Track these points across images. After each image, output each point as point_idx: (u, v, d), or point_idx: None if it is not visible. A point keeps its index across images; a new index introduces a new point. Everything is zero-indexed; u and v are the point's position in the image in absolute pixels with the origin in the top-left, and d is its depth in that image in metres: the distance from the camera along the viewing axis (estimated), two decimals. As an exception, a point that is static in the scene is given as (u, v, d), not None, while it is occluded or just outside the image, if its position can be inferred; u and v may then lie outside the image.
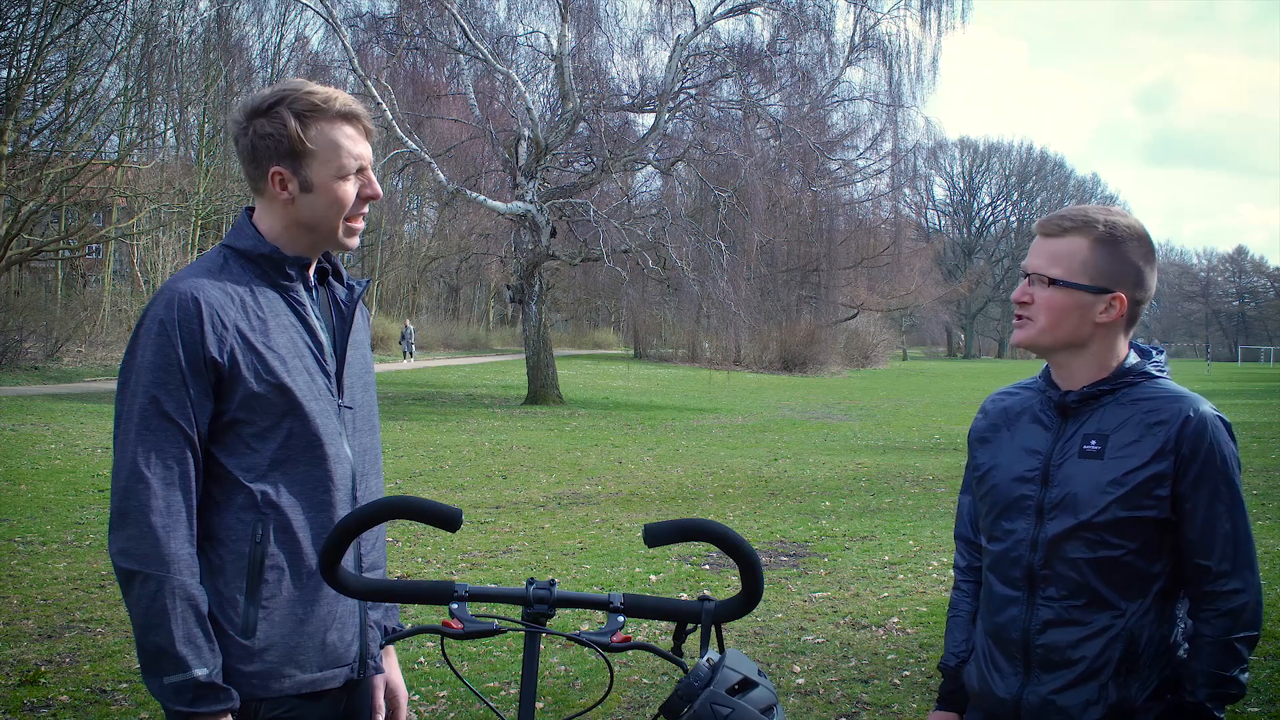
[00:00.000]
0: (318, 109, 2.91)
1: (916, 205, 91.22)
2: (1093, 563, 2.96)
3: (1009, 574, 3.09)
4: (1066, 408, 3.08)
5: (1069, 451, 3.03)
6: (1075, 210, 3.06)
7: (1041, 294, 3.03)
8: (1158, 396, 3.00)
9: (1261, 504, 14.52)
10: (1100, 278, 3.00)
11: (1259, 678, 7.29)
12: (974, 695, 3.23)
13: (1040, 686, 3.02)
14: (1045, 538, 3.01)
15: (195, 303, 2.78)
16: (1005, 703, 3.09)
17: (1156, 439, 2.93)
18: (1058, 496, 3.00)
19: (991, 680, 3.13)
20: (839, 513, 14.26)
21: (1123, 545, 2.94)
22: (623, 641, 2.52)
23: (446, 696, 6.96)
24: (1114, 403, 3.03)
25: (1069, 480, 3.00)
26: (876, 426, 29.12)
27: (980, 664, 3.19)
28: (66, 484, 14.95)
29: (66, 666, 7.43)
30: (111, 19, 36.61)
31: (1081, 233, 3.01)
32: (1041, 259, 3.04)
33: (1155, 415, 2.96)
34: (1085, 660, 2.97)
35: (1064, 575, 2.99)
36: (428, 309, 73.88)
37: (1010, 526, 3.09)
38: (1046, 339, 3.06)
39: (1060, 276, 3.00)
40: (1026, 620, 3.05)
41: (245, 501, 2.83)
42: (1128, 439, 2.97)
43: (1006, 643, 3.09)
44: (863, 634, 8.46)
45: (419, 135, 31.64)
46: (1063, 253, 3.02)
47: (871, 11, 34.71)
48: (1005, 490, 3.11)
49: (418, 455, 19.89)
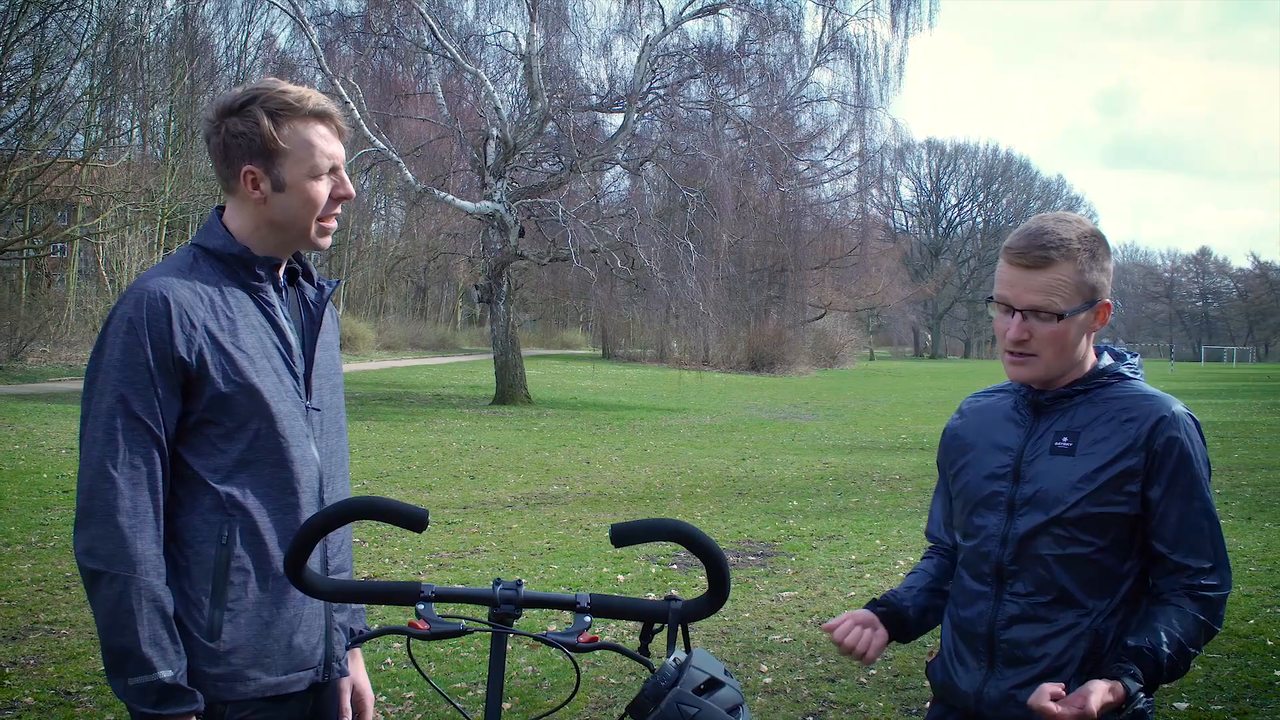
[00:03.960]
0: (290, 108, 2.90)
1: (884, 206, 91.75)
2: (1061, 559, 2.98)
3: (978, 569, 3.12)
4: (1040, 406, 3.10)
5: (1040, 448, 3.06)
6: (1049, 236, 3.00)
7: (1046, 329, 2.99)
8: (1130, 395, 3.03)
9: (1225, 503, 14.64)
10: (1091, 293, 3.01)
11: (1222, 675, 7.36)
12: (937, 688, 3.25)
13: (1002, 681, 3.04)
14: (1015, 533, 3.03)
15: (164, 302, 2.76)
16: (968, 696, 3.11)
17: (1127, 435, 2.96)
18: (1029, 493, 3.03)
19: (955, 674, 3.15)
20: (806, 512, 14.30)
21: (1092, 542, 2.96)
22: (590, 642, 2.52)
23: (414, 698, 6.95)
24: (1086, 401, 3.06)
25: (1040, 476, 3.02)
26: (844, 426, 29.20)
27: (945, 657, 3.21)
28: (31, 485, 14.85)
29: (31, 668, 7.38)
30: (78, 17, 36.36)
31: (1066, 259, 2.97)
32: (1036, 295, 2.99)
33: (1127, 413, 2.99)
34: (1048, 658, 2.99)
35: (1032, 571, 3.01)
36: (395, 309, 73.60)
37: (981, 522, 3.11)
38: (1057, 370, 3.05)
39: (1064, 309, 2.98)
40: (993, 615, 3.07)
41: (212, 503, 2.81)
42: (1099, 435, 2.99)
43: (972, 637, 3.11)
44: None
45: (387, 134, 31.52)
46: (1055, 285, 2.98)
47: (839, 13, 34.81)
48: (977, 487, 3.14)
49: (385, 456, 19.83)
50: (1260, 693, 7.06)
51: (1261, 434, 26.31)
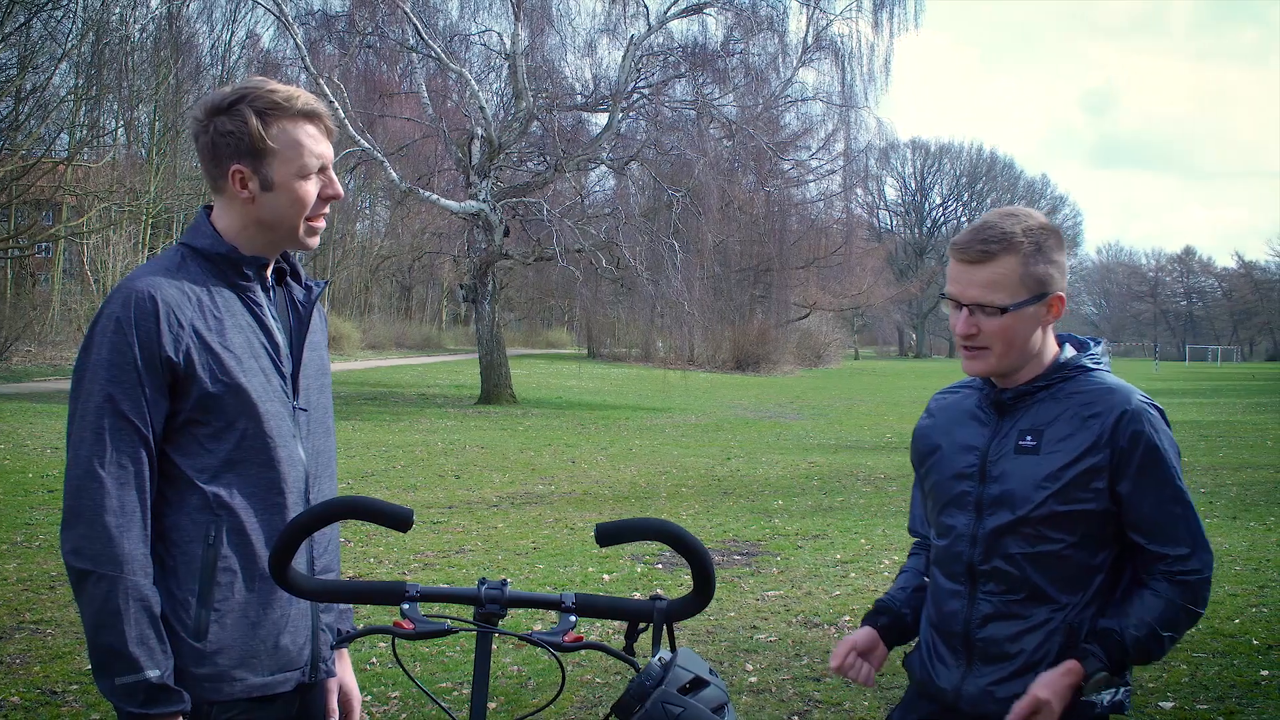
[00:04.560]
0: (279, 107, 2.90)
1: (868, 205, 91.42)
2: (1031, 557, 3.00)
3: (951, 569, 3.14)
4: (1003, 404, 3.13)
5: (1005, 447, 3.08)
6: (991, 230, 3.04)
7: (992, 324, 3.03)
8: (1092, 389, 3.05)
9: (1210, 502, 14.68)
10: (1038, 286, 3.03)
11: (1208, 675, 7.38)
12: (917, 684, 3.28)
13: (980, 678, 3.07)
14: (984, 533, 3.06)
15: (152, 301, 2.76)
16: (946, 693, 3.14)
17: (1091, 432, 2.98)
18: (995, 492, 3.05)
19: (934, 671, 3.18)
20: (791, 511, 14.31)
21: (1061, 539, 2.99)
22: (575, 641, 2.52)
23: (399, 697, 6.95)
24: (1049, 398, 3.08)
25: (1006, 476, 3.05)
26: (829, 425, 29.22)
27: (924, 654, 3.24)
28: (15, 485, 14.81)
29: (16, 668, 7.37)
30: (63, 17, 36.29)
31: (1009, 252, 3.01)
32: (978, 289, 3.03)
33: (1090, 409, 3.01)
34: (1024, 653, 3.02)
35: (1003, 570, 3.03)
36: (380, 308, 73.44)
37: (951, 522, 3.14)
38: (1007, 364, 3.08)
39: (1008, 303, 3.01)
40: (968, 614, 3.09)
41: (199, 503, 2.81)
42: (1063, 433, 3.01)
43: (949, 635, 3.14)
44: (815, 632, 8.50)
45: (371, 134, 31.48)
46: (997, 279, 3.01)
47: (824, 13, 34.77)
48: (946, 486, 3.17)
49: (370, 455, 19.80)
50: (1246, 692, 7.08)
51: (1246, 433, 26.36)
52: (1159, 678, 7.29)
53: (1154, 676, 7.30)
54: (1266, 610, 9.17)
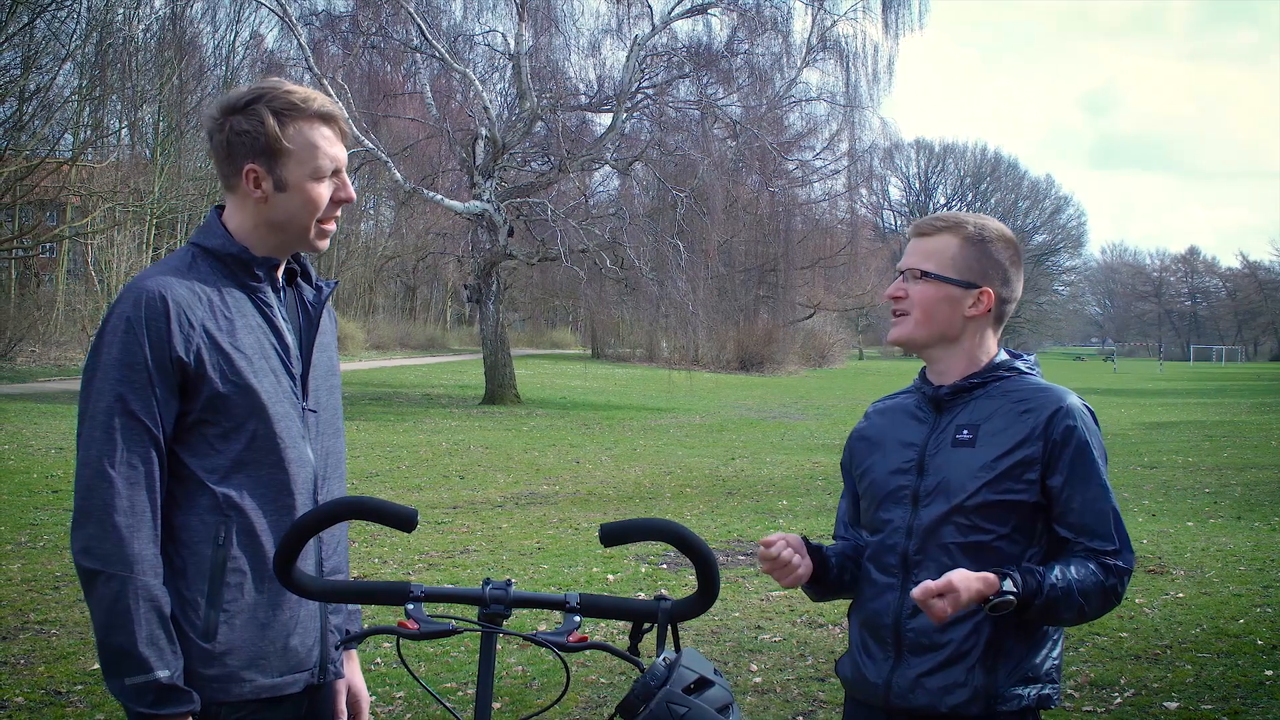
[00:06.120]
0: (296, 108, 2.90)
1: (873, 205, 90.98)
2: (964, 547, 3.06)
3: (885, 561, 3.19)
4: (940, 401, 3.22)
5: (943, 442, 3.16)
6: (948, 213, 3.27)
7: (915, 288, 3.20)
8: (1026, 388, 3.16)
9: (1215, 502, 14.68)
10: (969, 273, 3.18)
11: (1212, 675, 7.39)
12: (847, 684, 3.32)
13: (909, 669, 3.11)
14: (920, 524, 3.12)
15: (162, 301, 2.76)
16: (876, 687, 3.16)
17: (1025, 425, 3.07)
18: (932, 484, 3.12)
19: (864, 666, 3.21)
20: (796, 511, 14.31)
21: (993, 530, 3.05)
22: (579, 641, 2.54)
23: (403, 698, 6.96)
24: (985, 395, 3.18)
25: (942, 468, 3.12)
26: (833, 425, 29.18)
27: (854, 654, 3.27)
28: (20, 485, 14.83)
29: (21, 668, 7.39)
30: (66, 17, 36.34)
31: (952, 232, 3.21)
32: (915, 257, 3.23)
33: (1024, 405, 3.11)
34: (953, 644, 3.05)
35: (937, 560, 3.07)
36: (384, 308, 73.38)
37: (888, 516, 3.20)
38: (921, 333, 3.22)
39: (932, 270, 3.18)
40: (899, 605, 3.14)
41: (209, 503, 2.82)
42: (998, 427, 3.10)
43: (879, 629, 3.17)
44: (819, 632, 8.50)
45: (375, 134, 31.45)
46: (934, 250, 3.21)
47: (828, 13, 34.71)
48: (883, 482, 3.23)
49: (374, 456, 19.81)
50: (1251, 692, 7.08)
51: (1250, 433, 26.35)
52: (1163, 678, 7.30)
53: (1158, 677, 7.31)
54: (1271, 610, 9.16)
